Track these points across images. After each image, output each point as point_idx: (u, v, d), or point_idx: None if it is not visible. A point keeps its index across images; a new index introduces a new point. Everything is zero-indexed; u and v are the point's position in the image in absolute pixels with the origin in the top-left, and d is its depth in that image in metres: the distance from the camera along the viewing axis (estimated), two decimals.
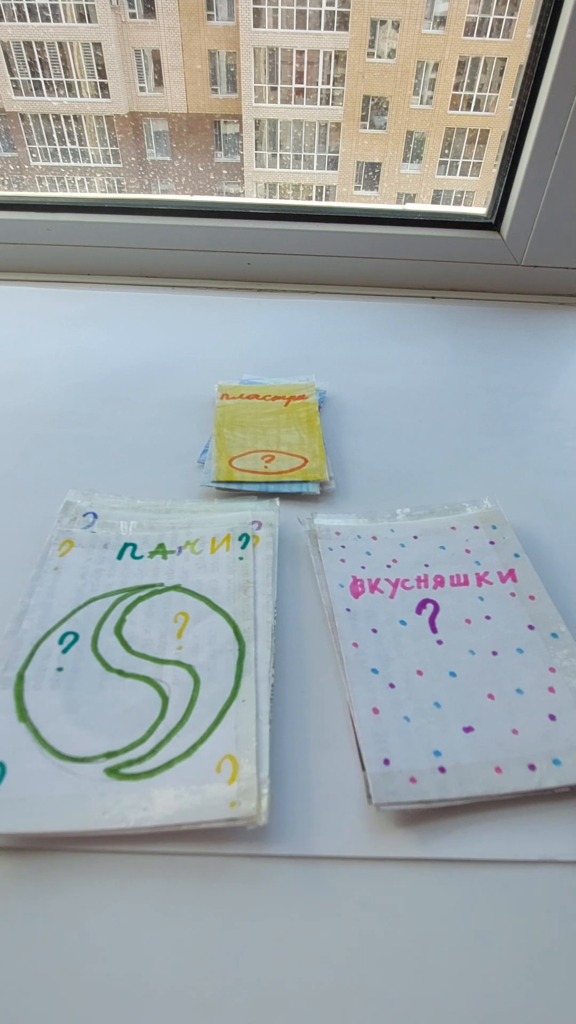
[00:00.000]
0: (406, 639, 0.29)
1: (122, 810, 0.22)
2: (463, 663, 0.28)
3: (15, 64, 3.82)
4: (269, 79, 4.38)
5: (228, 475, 0.39)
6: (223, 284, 0.68)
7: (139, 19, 3.90)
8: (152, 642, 0.29)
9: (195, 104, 3.96)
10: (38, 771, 0.24)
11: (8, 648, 0.28)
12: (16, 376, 0.50)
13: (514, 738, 0.25)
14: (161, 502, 0.38)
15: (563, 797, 0.24)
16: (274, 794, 0.24)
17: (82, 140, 3.77)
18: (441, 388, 0.51)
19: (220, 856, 0.22)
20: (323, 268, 0.67)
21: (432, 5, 4.73)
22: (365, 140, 4.50)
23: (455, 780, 0.24)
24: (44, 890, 0.21)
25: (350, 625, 0.30)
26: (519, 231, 0.62)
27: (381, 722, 0.26)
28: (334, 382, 0.51)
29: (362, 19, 4.62)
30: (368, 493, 0.40)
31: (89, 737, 0.25)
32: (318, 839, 0.23)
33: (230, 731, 0.25)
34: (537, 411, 0.49)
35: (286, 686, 0.28)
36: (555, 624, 0.30)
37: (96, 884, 0.22)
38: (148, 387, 0.50)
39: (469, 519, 0.36)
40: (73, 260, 0.67)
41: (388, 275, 0.67)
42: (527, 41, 0.55)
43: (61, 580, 0.32)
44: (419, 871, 0.22)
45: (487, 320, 0.62)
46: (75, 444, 0.43)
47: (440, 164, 4.64)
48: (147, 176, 3.04)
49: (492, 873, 0.22)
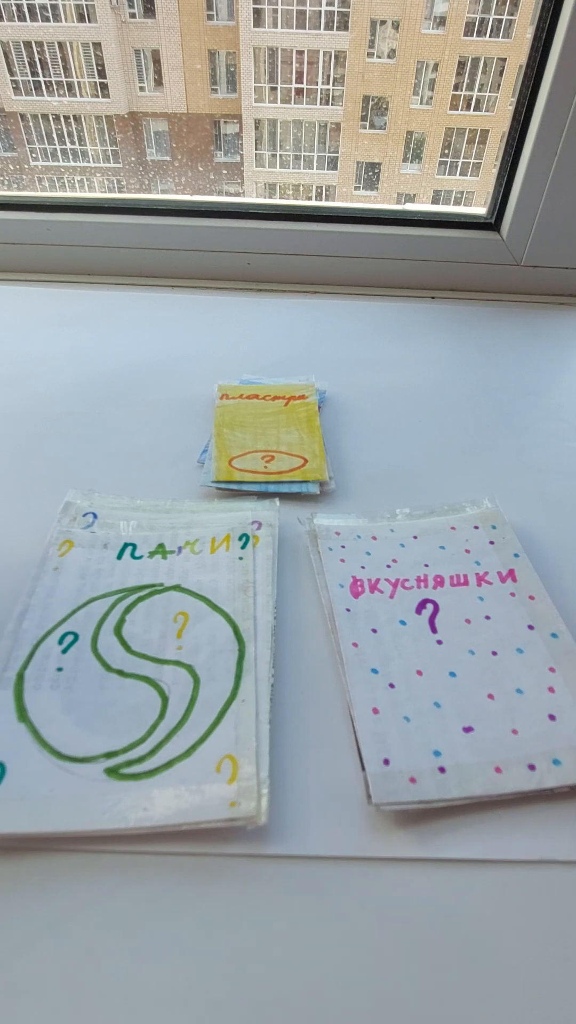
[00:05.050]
0: (406, 639, 0.29)
1: (122, 810, 0.22)
2: (463, 663, 0.28)
3: (15, 64, 3.83)
4: (269, 79, 4.38)
5: (228, 475, 0.39)
6: (223, 284, 0.68)
7: (139, 19, 3.90)
8: (152, 642, 0.29)
9: (195, 104, 3.96)
10: (38, 771, 0.24)
11: (8, 648, 0.28)
12: (16, 376, 0.50)
13: (514, 738, 0.25)
14: (161, 502, 0.38)
15: (563, 797, 0.24)
16: (274, 794, 0.24)
17: (82, 140, 3.77)
18: (441, 388, 0.51)
19: (220, 856, 0.22)
20: (323, 268, 0.67)
21: (432, 5, 4.73)
22: (365, 140, 4.50)
23: (455, 780, 0.24)
24: (44, 890, 0.21)
25: (350, 625, 0.30)
26: (519, 231, 0.62)
27: (381, 722, 0.26)
28: (334, 382, 0.51)
29: (362, 19, 4.62)
30: (368, 493, 0.40)
31: (89, 737, 0.25)
32: (318, 839, 0.23)
33: (230, 731, 0.25)
34: (537, 411, 0.49)
35: (286, 686, 0.28)
36: (555, 624, 0.30)
37: (96, 884, 0.22)
38: (148, 387, 0.50)
39: (469, 519, 0.36)
40: (73, 260, 0.67)
41: (388, 275, 0.67)
42: (527, 41, 0.55)
43: (61, 580, 0.32)
44: (419, 871, 0.22)
45: (487, 320, 0.62)
46: (75, 444, 0.43)
47: (440, 164, 4.65)
48: (147, 176, 3.04)
49: (492, 873, 0.22)
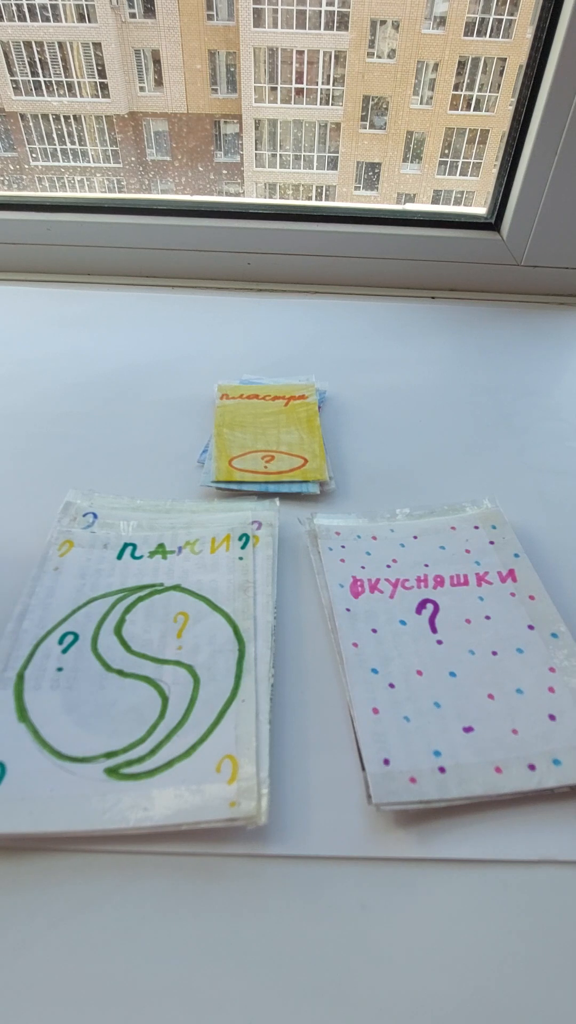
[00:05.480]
0: (406, 639, 0.29)
1: (122, 810, 0.22)
2: (463, 663, 0.28)
3: (15, 64, 3.83)
4: (269, 79, 4.37)
5: (228, 475, 0.39)
6: (223, 284, 0.68)
7: (139, 19, 3.90)
8: (152, 642, 0.29)
9: (195, 104, 3.96)
10: (38, 771, 0.24)
11: (8, 648, 0.28)
12: (16, 376, 0.50)
13: (514, 738, 0.25)
14: (161, 502, 0.38)
15: (563, 797, 0.24)
16: (274, 794, 0.24)
17: (82, 140, 3.76)
18: (441, 388, 0.51)
19: (220, 856, 0.22)
20: (323, 268, 0.67)
21: (432, 5, 4.72)
22: (365, 140, 4.50)
23: (455, 780, 0.24)
24: (44, 890, 0.21)
25: (350, 625, 0.30)
26: (519, 231, 0.62)
27: (381, 722, 0.26)
28: (334, 382, 0.51)
29: (362, 19, 4.62)
30: (368, 493, 0.40)
31: (89, 737, 0.25)
32: (318, 839, 0.23)
33: (230, 731, 0.25)
34: (537, 411, 0.49)
35: (286, 686, 0.28)
36: (555, 624, 0.30)
37: (96, 884, 0.22)
38: (148, 387, 0.50)
39: (469, 519, 0.36)
40: (73, 260, 0.67)
41: (388, 275, 0.67)
42: (527, 41, 0.55)
43: (61, 580, 0.32)
44: (419, 871, 0.22)
45: (487, 320, 0.62)
46: (75, 444, 0.43)
47: (440, 164, 4.64)
48: (147, 176, 3.04)
49: (492, 873, 0.22)
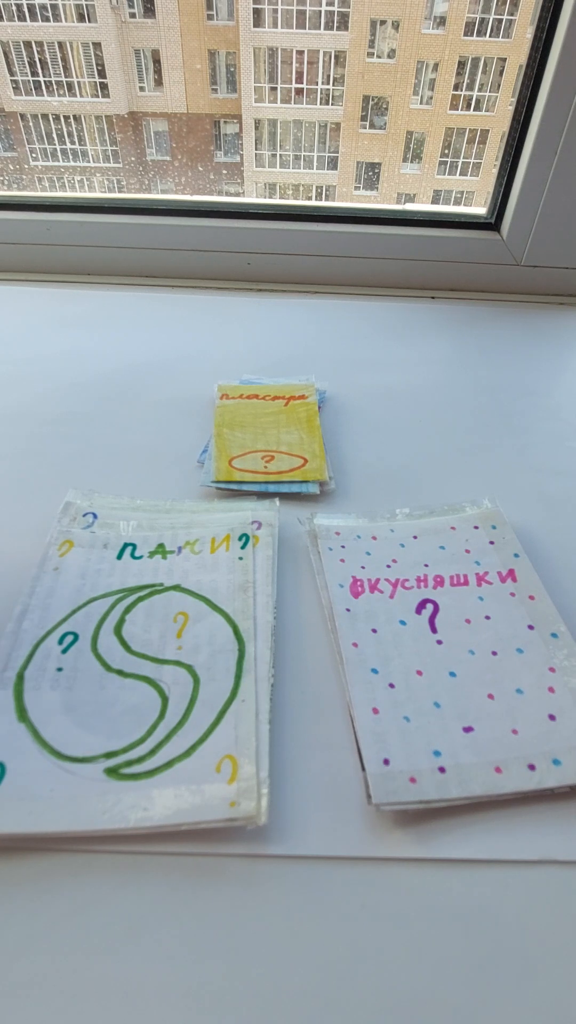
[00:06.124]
0: (406, 639, 0.29)
1: (122, 810, 0.22)
2: (463, 663, 0.28)
3: (15, 64, 3.82)
4: (269, 79, 4.37)
5: (228, 475, 0.39)
6: (223, 284, 0.68)
7: (139, 19, 3.90)
8: (152, 642, 0.29)
9: (195, 104, 3.96)
10: (38, 771, 0.24)
11: (8, 648, 0.28)
12: (16, 376, 0.50)
13: (514, 738, 0.25)
14: (161, 502, 0.38)
15: (563, 797, 0.24)
16: (274, 794, 0.24)
17: (82, 140, 3.76)
18: (441, 388, 0.51)
19: (220, 856, 0.22)
20: (323, 268, 0.67)
21: (432, 5, 4.72)
22: (365, 140, 4.49)
23: (455, 780, 0.24)
24: (44, 890, 0.21)
25: (350, 625, 0.30)
26: (519, 231, 0.62)
27: (381, 722, 0.26)
28: (334, 382, 0.51)
29: (362, 19, 4.62)
30: (368, 493, 0.40)
31: (89, 737, 0.25)
32: (318, 839, 0.23)
33: (230, 731, 0.25)
34: (537, 411, 0.49)
35: (286, 686, 0.28)
36: (555, 624, 0.30)
37: (96, 884, 0.22)
38: (148, 387, 0.50)
39: (469, 519, 0.36)
40: (73, 260, 0.67)
41: (388, 275, 0.67)
42: (527, 41, 0.55)
43: (61, 580, 0.32)
44: (419, 871, 0.22)
45: (487, 320, 0.62)
46: (75, 444, 0.43)
47: (440, 164, 4.64)
48: (147, 176, 3.04)
49: (492, 873, 0.22)
